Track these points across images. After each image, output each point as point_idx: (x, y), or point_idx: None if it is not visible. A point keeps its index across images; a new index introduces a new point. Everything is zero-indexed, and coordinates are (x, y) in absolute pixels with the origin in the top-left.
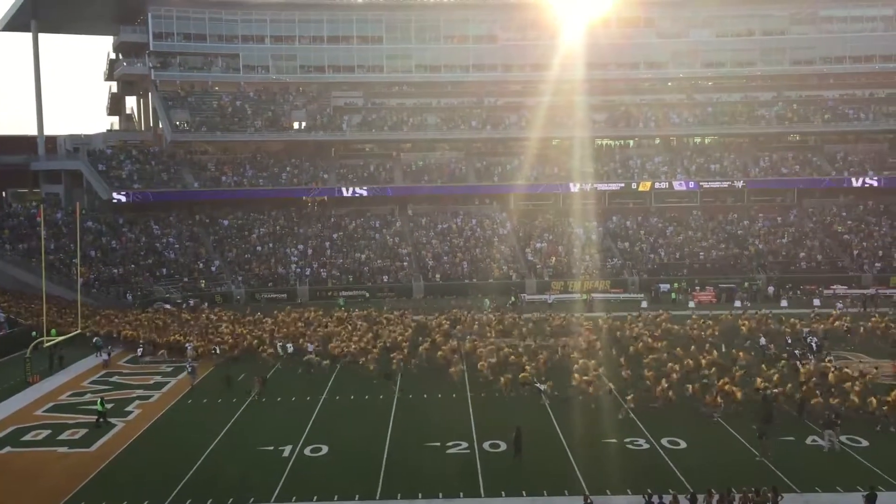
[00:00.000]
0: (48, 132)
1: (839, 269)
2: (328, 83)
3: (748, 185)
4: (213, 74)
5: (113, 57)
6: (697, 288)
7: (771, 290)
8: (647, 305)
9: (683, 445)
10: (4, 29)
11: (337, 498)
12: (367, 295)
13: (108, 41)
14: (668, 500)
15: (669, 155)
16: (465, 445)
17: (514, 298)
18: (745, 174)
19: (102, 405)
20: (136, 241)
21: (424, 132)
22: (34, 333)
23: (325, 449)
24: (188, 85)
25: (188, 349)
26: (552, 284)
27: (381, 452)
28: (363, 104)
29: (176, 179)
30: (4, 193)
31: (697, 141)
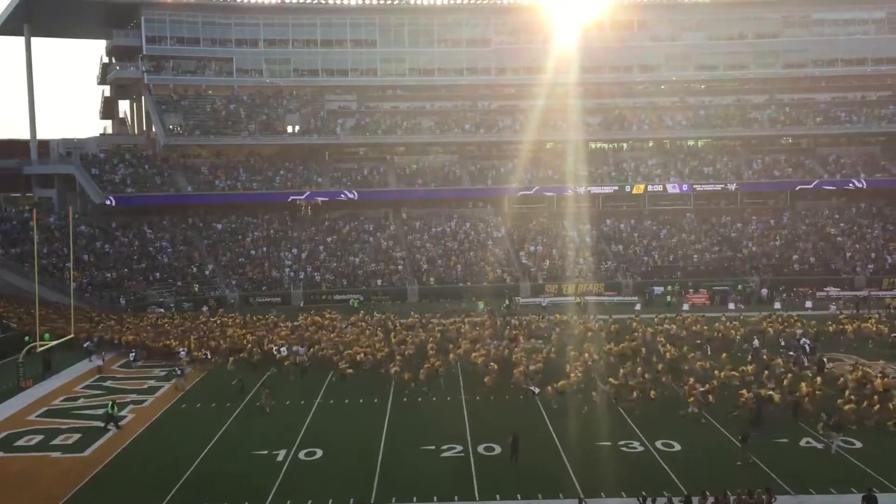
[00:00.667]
0: (41, 136)
1: (832, 271)
2: (322, 87)
3: (741, 187)
4: (206, 78)
5: (106, 61)
6: (691, 290)
7: (764, 292)
8: (640, 308)
9: (678, 448)
10: None
11: (332, 502)
12: (361, 298)
13: (101, 45)
14: (662, 502)
15: (663, 158)
16: (459, 449)
17: (508, 302)
18: (738, 177)
19: (113, 408)
20: (129, 245)
21: (418, 135)
22: (27, 338)
23: (319, 453)
24: (181, 88)
25: (181, 354)
26: (546, 287)
27: (375, 456)
28: (357, 108)
29: (169, 183)
30: None
31: (691, 144)
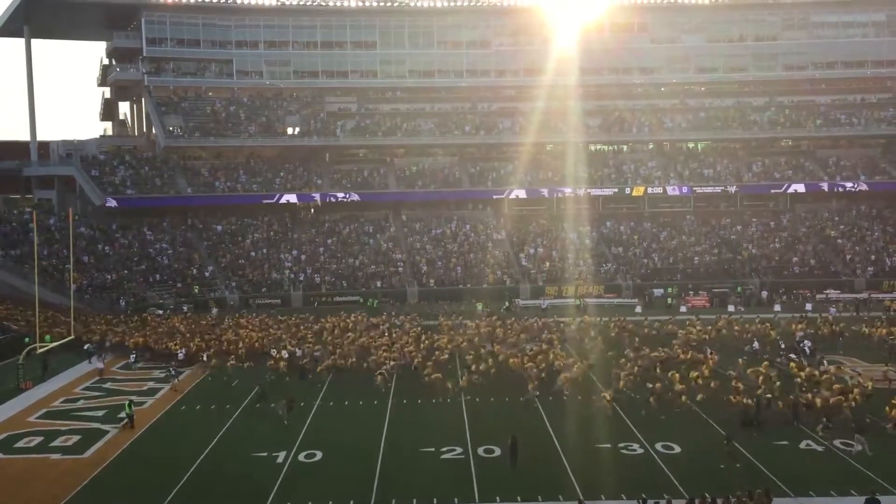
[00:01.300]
0: (41, 138)
1: (832, 273)
2: (322, 88)
3: (741, 189)
4: (206, 80)
5: (106, 62)
6: (691, 293)
7: (764, 294)
8: (640, 310)
9: (678, 450)
10: None
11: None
12: (360, 300)
13: (101, 47)
14: None
15: (663, 160)
16: (459, 451)
17: (508, 304)
18: (737, 179)
19: (130, 408)
20: (129, 246)
21: (418, 137)
22: (27, 339)
23: (319, 455)
24: (182, 90)
25: (179, 355)
26: (546, 289)
27: (375, 458)
28: (357, 109)
29: (169, 185)
30: None
31: (690, 146)
